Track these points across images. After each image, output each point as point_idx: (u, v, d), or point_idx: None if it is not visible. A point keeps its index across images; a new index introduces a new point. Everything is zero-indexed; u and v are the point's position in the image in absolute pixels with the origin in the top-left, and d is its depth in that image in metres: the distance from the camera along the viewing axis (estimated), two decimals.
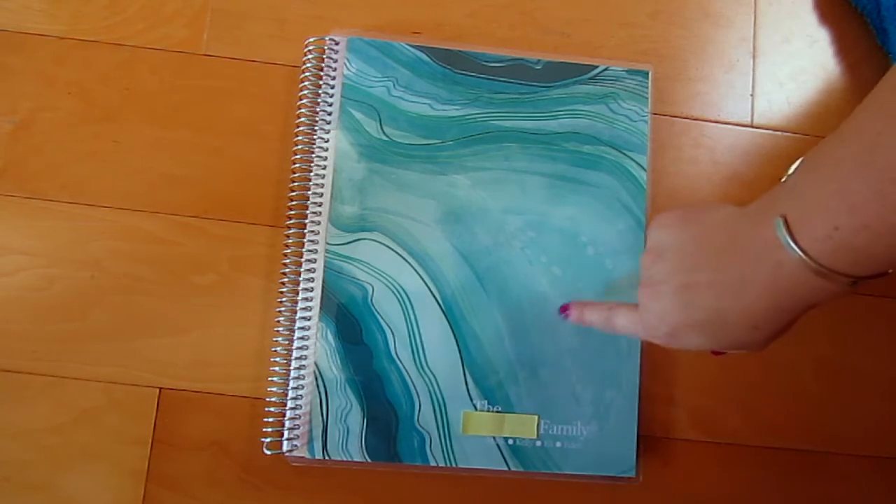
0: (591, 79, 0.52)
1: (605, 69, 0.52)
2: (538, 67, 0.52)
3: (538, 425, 0.48)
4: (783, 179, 0.31)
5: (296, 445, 0.47)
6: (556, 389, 0.48)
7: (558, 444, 0.48)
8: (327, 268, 0.48)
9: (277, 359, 0.48)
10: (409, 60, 0.51)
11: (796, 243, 0.28)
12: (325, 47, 0.51)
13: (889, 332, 0.52)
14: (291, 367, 0.48)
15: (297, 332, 0.48)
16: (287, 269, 0.49)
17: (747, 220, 0.32)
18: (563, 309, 0.47)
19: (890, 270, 0.28)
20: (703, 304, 0.33)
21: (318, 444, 0.47)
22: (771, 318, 0.32)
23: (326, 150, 0.50)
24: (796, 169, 0.31)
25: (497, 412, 0.48)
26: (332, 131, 0.50)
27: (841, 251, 0.27)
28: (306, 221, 0.49)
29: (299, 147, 0.50)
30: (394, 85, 0.51)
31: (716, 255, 0.33)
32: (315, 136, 0.50)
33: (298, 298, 0.48)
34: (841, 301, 0.52)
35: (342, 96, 0.50)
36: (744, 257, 0.31)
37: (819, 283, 0.29)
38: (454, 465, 0.47)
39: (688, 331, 0.35)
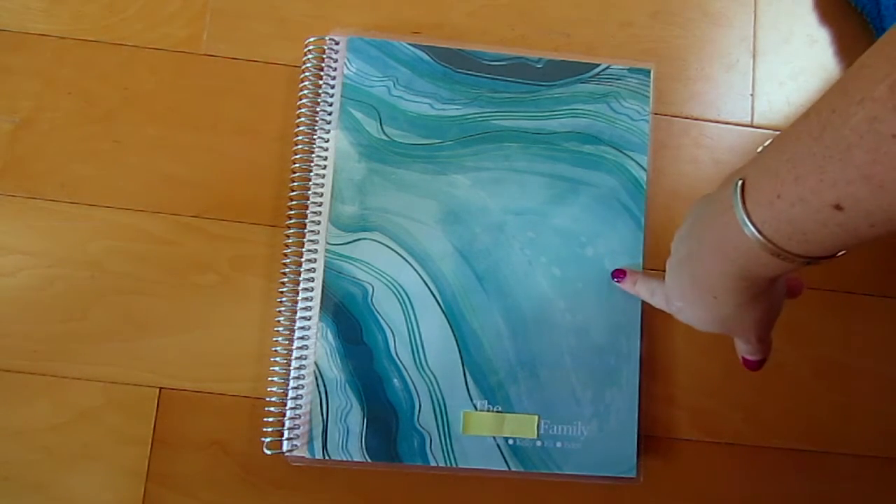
0: (592, 77, 0.52)
1: (607, 68, 0.52)
2: (539, 66, 0.52)
3: (538, 425, 0.48)
4: (759, 149, 0.31)
5: (296, 445, 0.47)
6: (556, 389, 0.48)
7: (558, 444, 0.48)
8: (327, 268, 0.48)
9: (277, 359, 0.48)
10: (410, 60, 0.51)
11: (744, 206, 0.29)
12: (325, 47, 0.51)
13: (889, 332, 0.52)
14: (291, 367, 0.48)
15: (297, 332, 0.48)
16: (287, 269, 0.49)
17: (720, 186, 0.33)
18: (616, 274, 0.49)
19: (824, 255, 0.28)
20: (685, 272, 0.36)
21: (318, 444, 0.47)
22: (724, 286, 0.33)
23: (326, 150, 0.50)
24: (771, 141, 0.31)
25: (497, 412, 0.48)
26: (332, 131, 0.50)
27: (778, 221, 0.28)
28: (306, 221, 0.49)
29: (299, 147, 0.50)
30: (394, 84, 0.51)
31: (695, 222, 0.35)
32: (315, 136, 0.50)
33: (298, 298, 0.48)
34: (841, 301, 0.52)
35: (342, 96, 0.50)
36: (707, 218, 0.33)
37: (757, 251, 0.29)
38: (454, 465, 0.47)
39: (679, 301, 0.37)
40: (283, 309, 0.48)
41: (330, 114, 0.50)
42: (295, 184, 0.49)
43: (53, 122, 0.50)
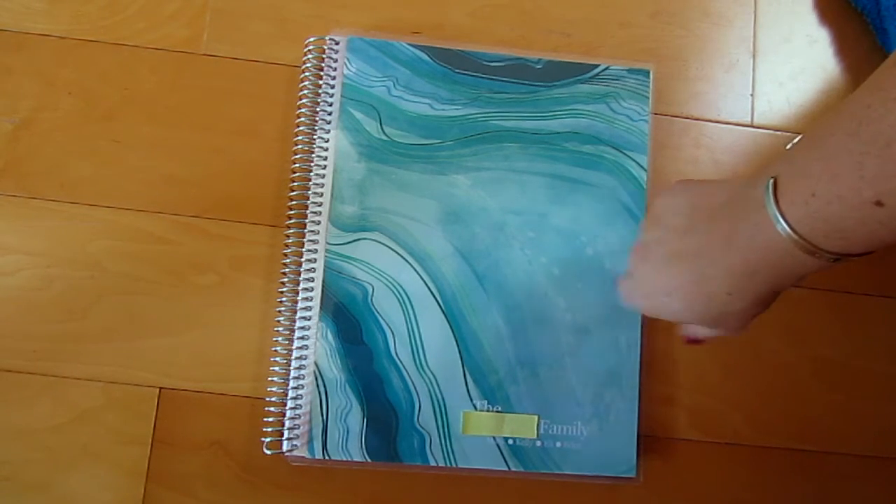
0: (591, 78, 0.52)
1: (606, 68, 0.52)
2: (539, 67, 0.52)
3: (538, 425, 0.48)
4: (787, 147, 0.31)
5: (296, 445, 0.47)
6: (556, 389, 0.48)
7: (558, 444, 0.48)
8: (327, 268, 0.48)
9: (277, 359, 0.48)
10: (410, 60, 0.51)
11: (777, 205, 0.28)
12: (325, 47, 0.51)
13: (889, 332, 0.52)
14: (291, 367, 0.48)
15: (297, 332, 0.48)
16: (287, 269, 0.49)
17: (747, 183, 0.32)
18: None
19: (860, 252, 0.28)
20: (689, 267, 0.34)
21: (318, 444, 0.47)
22: (746, 285, 0.32)
23: (326, 149, 0.50)
24: (800, 138, 0.31)
25: (497, 412, 0.48)
26: (332, 131, 0.50)
27: (813, 219, 0.27)
28: (306, 221, 0.49)
29: (299, 147, 0.50)
30: (394, 85, 0.51)
31: (709, 216, 0.34)
32: (315, 136, 0.50)
33: (298, 298, 0.48)
34: (841, 301, 0.52)
35: (342, 96, 0.50)
36: (733, 216, 0.32)
37: (791, 250, 0.29)
38: (454, 465, 0.47)
39: (666, 296, 0.35)
40: (283, 309, 0.48)
41: (330, 114, 0.50)
42: (295, 184, 0.49)
43: (53, 122, 0.50)
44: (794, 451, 0.51)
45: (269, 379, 0.48)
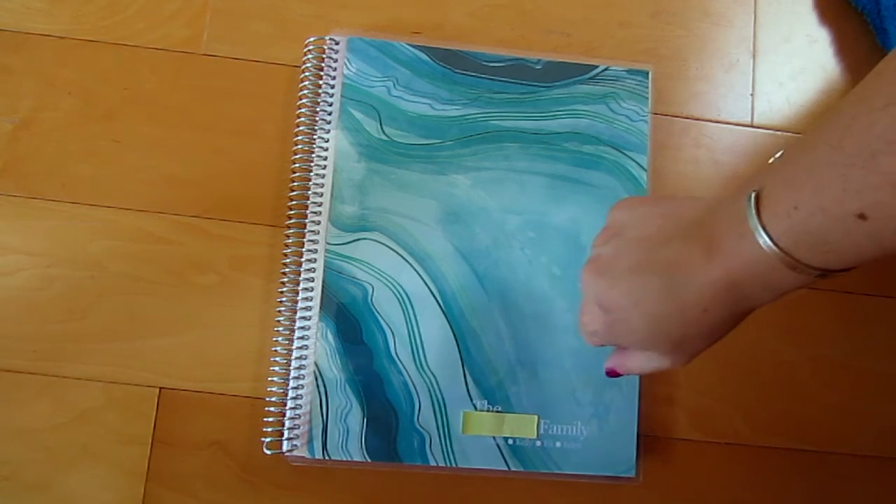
0: (591, 79, 0.52)
1: (606, 69, 0.52)
2: (538, 67, 0.52)
3: (538, 425, 0.48)
4: (770, 160, 0.30)
5: (296, 445, 0.47)
6: (556, 389, 0.48)
7: (558, 444, 0.48)
8: (327, 268, 0.48)
9: (277, 359, 0.48)
10: (409, 60, 0.51)
11: (759, 217, 0.28)
12: (325, 47, 0.51)
13: (889, 332, 0.52)
14: (291, 367, 0.48)
15: (297, 332, 0.48)
16: (287, 269, 0.49)
17: (729, 196, 0.31)
18: None
19: (845, 267, 0.27)
20: (660, 279, 0.32)
21: (317, 444, 0.47)
22: (723, 299, 0.30)
23: (326, 149, 0.50)
24: (784, 151, 0.30)
25: (497, 412, 0.48)
26: (332, 131, 0.50)
27: (796, 232, 0.27)
28: (306, 221, 0.49)
29: (299, 147, 0.50)
30: (394, 85, 0.51)
31: (686, 228, 0.32)
32: (315, 136, 0.50)
33: (298, 298, 0.48)
34: (841, 301, 0.52)
35: (342, 96, 0.50)
36: (714, 228, 0.31)
37: (774, 264, 0.28)
38: (454, 465, 0.47)
39: (627, 311, 0.33)
40: (283, 309, 0.48)
41: (330, 114, 0.50)
42: (295, 184, 0.49)
43: (53, 122, 0.50)
44: (793, 451, 0.51)
45: (269, 379, 0.48)
